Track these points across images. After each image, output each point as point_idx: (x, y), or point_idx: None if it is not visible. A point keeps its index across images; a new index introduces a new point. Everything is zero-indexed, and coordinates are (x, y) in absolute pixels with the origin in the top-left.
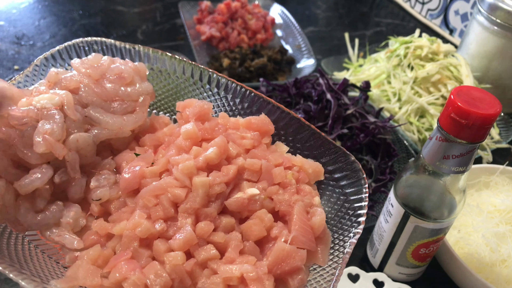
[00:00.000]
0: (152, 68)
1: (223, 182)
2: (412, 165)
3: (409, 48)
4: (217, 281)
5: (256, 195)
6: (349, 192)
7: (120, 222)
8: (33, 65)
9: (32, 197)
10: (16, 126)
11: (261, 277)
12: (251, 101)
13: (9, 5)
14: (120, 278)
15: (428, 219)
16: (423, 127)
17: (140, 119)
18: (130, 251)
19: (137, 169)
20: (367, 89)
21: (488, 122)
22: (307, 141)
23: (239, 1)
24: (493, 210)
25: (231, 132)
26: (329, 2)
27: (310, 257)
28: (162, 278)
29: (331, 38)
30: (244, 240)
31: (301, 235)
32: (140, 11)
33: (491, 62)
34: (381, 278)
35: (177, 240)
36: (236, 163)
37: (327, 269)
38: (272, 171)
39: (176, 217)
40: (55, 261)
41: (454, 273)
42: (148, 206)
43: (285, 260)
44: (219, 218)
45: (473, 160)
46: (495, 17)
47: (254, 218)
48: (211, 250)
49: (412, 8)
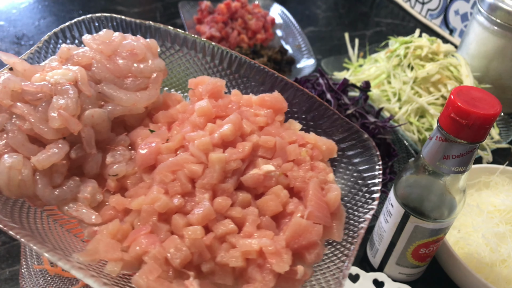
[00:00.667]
0: (164, 44)
1: (239, 158)
2: (412, 165)
3: (409, 48)
4: (236, 254)
5: (271, 171)
6: (362, 169)
7: (137, 197)
8: (43, 41)
9: (50, 172)
10: (30, 101)
11: (280, 251)
12: (264, 78)
13: (9, 5)
14: (141, 252)
15: (428, 219)
16: (423, 127)
17: (153, 95)
18: (149, 225)
19: (153, 145)
20: (367, 89)
21: (488, 122)
22: (320, 119)
23: (239, 1)
24: (493, 210)
25: (245, 109)
26: (329, 2)
27: (325, 232)
28: (182, 251)
29: (331, 38)
30: (261, 215)
31: (317, 210)
32: (140, 11)
33: (491, 62)
34: (381, 278)
35: (196, 215)
36: (251, 140)
37: (343, 244)
38: (286, 148)
39: (193, 192)
40: (74, 235)
41: (454, 273)
42: (165, 182)
43: (302, 235)
44: (235, 194)
45: (473, 160)
46: (495, 17)
47: (270, 194)
48: (229, 224)
49: (412, 8)
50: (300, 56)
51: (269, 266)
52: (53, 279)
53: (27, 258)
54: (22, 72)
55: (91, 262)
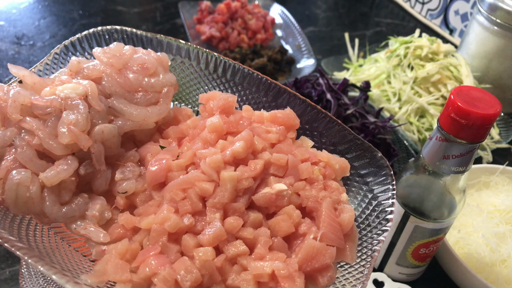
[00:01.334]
0: (174, 58)
1: (251, 176)
2: (412, 165)
3: (409, 48)
4: (247, 277)
5: (283, 190)
6: (376, 189)
7: (146, 215)
8: (53, 53)
9: (58, 189)
10: (40, 115)
11: (292, 274)
12: (276, 94)
13: (9, 5)
14: (150, 274)
15: (428, 219)
16: (423, 127)
17: (164, 110)
18: (159, 246)
19: (163, 162)
20: (367, 89)
21: (488, 122)
22: (333, 136)
23: (239, 1)
24: (493, 210)
25: (256, 125)
26: (329, 2)
27: (338, 254)
28: (192, 274)
29: (331, 38)
30: (272, 236)
31: (330, 232)
32: (140, 11)
33: (491, 62)
34: (381, 278)
35: (207, 235)
36: (262, 158)
37: (355, 267)
38: (299, 167)
39: (204, 211)
40: (81, 254)
41: (454, 273)
42: (176, 200)
43: (315, 257)
44: (247, 213)
45: (473, 160)
46: (495, 17)
47: (282, 214)
48: (240, 246)
49: (412, 8)
50: (300, 56)
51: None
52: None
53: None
54: (32, 85)
55: (99, 284)
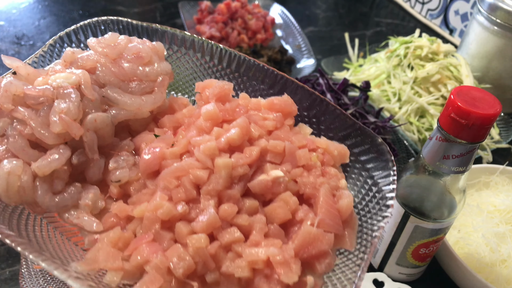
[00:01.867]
0: (170, 47)
1: (246, 163)
2: (412, 165)
3: (409, 48)
4: (242, 264)
5: (280, 177)
6: (376, 175)
7: (140, 204)
8: (48, 44)
9: (50, 179)
10: (32, 105)
11: (288, 261)
12: (273, 81)
13: (9, 5)
14: (142, 261)
15: (428, 219)
16: (423, 127)
17: (159, 99)
18: (152, 233)
19: (157, 150)
20: (367, 89)
21: (488, 122)
22: (331, 123)
23: (239, 1)
24: (493, 210)
25: (253, 113)
26: (329, 2)
27: (337, 241)
28: (185, 261)
29: (331, 38)
30: (268, 223)
31: (328, 218)
32: (140, 11)
33: (491, 62)
34: (381, 278)
35: (200, 223)
36: (259, 145)
37: (355, 253)
38: (296, 153)
39: (198, 199)
40: (74, 243)
41: (454, 273)
42: (169, 188)
43: (312, 244)
44: (242, 201)
45: (473, 160)
46: (495, 17)
47: (278, 201)
48: (235, 232)
49: (412, 8)
50: (300, 56)
51: (277, 276)
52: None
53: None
54: (26, 76)
55: (90, 272)
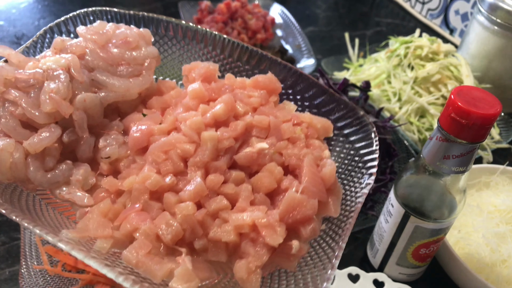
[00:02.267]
0: (157, 34)
1: (232, 137)
2: (412, 165)
3: (409, 48)
4: (228, 229)
5: (265, 149)
6: (359, 146)
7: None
8: (38, 35)
9: (42, 156)
10: (23, 88)
11: (273, 224)
12: (258, 61)
13: (8, 5)
14: (131, 229)
15: (429, 219)
16: (423, 127)
17: (146, 81)
18: (141, 204)
19: (145, 127)
20: (367, 89)
21: (488, 122)
22: (315, 99)
23: (239, 1)
24: (494, 210)
25: (238, 91)
26: (329, 2)
27: (321, 208)
28: (173, 227)
29: (331, 38)
30: (254, 193)
31: (311, 185)
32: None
33: (491, 62)
34: (381, 278)
35: (188, 191)
36: (244, 120)
37: (340, 218)
38: (281, 127)
39: (185, 171)
40: (66, 217)
41: (454, 273)
42: (158, 162)
43: (296, 209)
44: (228, 172)
45: (474, 160)
46: (496, 17)
47: (264, 171)
48: (222, 200)
49: (412, 8)
50: (300, 56)
51: (262, 240)
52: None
53: (27, 258)
54: (17, 63)
55: (80, 239)
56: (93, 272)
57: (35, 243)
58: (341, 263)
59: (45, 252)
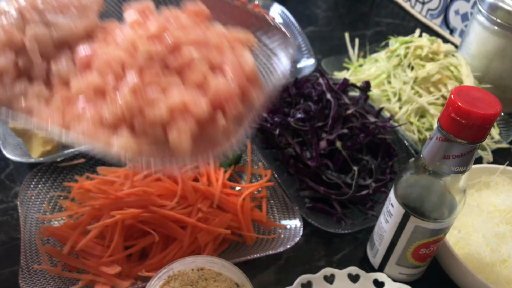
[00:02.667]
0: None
1: (164, 46)
2: (412, 165)
3: (409, 48)
4: (161, 106)
5: (194, 53)
6: (276, 48)
7: None
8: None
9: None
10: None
11: (199, 99)
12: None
13: None
14: (77, 115)
15: (429, 219)
16: (423, 127)
17: (92, 20)
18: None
19: (89, 47)
20: (367, 89)
21: (488, 122)
22: (234, 18)
23: (239, 1)
24: (494, 210)
25: (170, 16)
26: (329, 2)
27: (244, 96)
28: (115, 105)
29: (331, 38)
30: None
31: (233, 73)
32: None
33: (491, 62)
34: (381, 279)
35: (126, 85)
36: (176, 38)
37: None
38: (209, 39)
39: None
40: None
41: (454, 273)
42: (101, 72)
43: (220, 92)
44: (162, 75)
45: (474, 160)
46: (496, 17)
47: (192, 69)
48: (156, 88)
49: (412, 8)
50: (300, 56)
51: (191, 115)
52: (53, 279)
53: (27, 258)
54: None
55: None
56: (93, 272)
57: (35, 243)
58: (341, 263)
59: (45, 252)
